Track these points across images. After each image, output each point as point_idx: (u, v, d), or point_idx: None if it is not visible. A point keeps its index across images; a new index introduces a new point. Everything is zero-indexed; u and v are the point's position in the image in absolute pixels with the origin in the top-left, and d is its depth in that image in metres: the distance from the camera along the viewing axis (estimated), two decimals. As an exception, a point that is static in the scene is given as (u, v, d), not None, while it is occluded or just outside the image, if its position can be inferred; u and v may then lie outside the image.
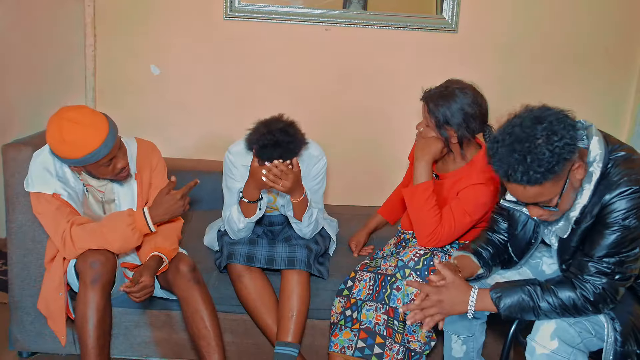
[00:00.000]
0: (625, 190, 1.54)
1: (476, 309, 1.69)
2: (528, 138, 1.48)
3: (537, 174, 1.47)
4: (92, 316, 1.92)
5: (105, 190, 2.11)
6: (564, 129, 1.49)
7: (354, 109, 3.09)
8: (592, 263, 1.60)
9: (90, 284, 1.92)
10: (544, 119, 1.51)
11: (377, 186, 3.04)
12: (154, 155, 2.21)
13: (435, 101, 2.08)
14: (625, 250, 1.56)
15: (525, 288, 1.65)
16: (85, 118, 1.90)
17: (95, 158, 1.91)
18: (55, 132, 1.90)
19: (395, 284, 2.05)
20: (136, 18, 2.97)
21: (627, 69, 3.09)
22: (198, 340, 2.07)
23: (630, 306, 1.70)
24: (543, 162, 1.46)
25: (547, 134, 1.48)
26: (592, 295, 1.59)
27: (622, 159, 1.59)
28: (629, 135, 3.12)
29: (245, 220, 2.20)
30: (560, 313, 1.63)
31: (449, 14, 2.96)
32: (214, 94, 3.06)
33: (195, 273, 2.10)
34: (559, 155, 1.47)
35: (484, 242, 1.92)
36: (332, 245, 2.49)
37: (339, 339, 2.08)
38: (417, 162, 2.15)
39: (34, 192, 2.00)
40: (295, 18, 2.97)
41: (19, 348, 2.34)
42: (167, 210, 2.03)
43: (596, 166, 1.59)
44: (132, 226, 1.99)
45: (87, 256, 1.95)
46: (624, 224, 1.54)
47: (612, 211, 1.55)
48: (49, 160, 2.02)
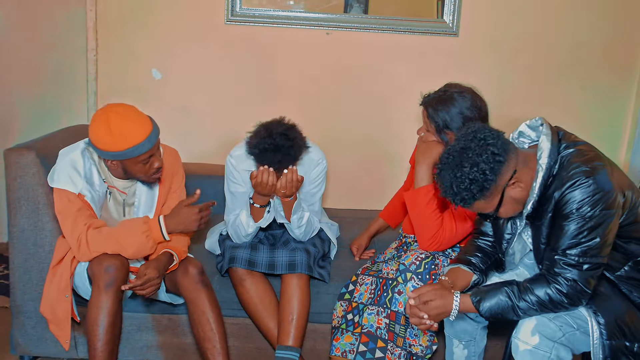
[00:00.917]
0: (574, 181, 1.61)
1: (460, 309, 1.74)
2: (455, 166, 1.64)
3: (462, 200, 1.65)
4: (104, 320, 1.93)
5: (128, 193, 2.13)
6: (486, 159, 1.61)
7: (356, 112, 3.09)
8: (557, 256, 1.65)
9: (105, 287, 1.93)
10: (469, 149, 1.64)
11: (378, 190, 3.05)
12: (176, 162, 2.24)
13: (434, 106, 2.08)
14: (585, 239, 1.61)
15: (503, 289, 1.70)
16: (132, 113, 1.98)
17: (138, 152, 1.94)
18: (102, 124, 1.94)
19: (397, 288, 2.05)
20: (138, 22, 2.98)
21: (627, 73, 3.09)
22: (203, 343, 2.07)
23: (613, 300, 1.73)
24: (465, 191, 1.63)
25: (470, 164, 1.62)
26: (565, 288, 1.63)
27: (572, 154, 1.66)
28: (630, 139, 3.12)
29: (254, 225, 2.22)
30: (539, 309, 1.67)
31: (450, 17, 2.96)
32: (215, 98, 3.07)
33: (203, 276, 2.12)
34: (478, 184, 1.61)
35: (471, 249, 1.95)
36: (333, 248, 2.49)
37: (341, 343, 2.07)
38: (418, 165, 2.15)
39: (59, 188, 2.01)
40: (297, 22, 2.97)
41: (20, 352, 2.34)
42: (182, 222, 2.04)
43: (541, 162, 1.67)
44: (147, 233, 2.00)
45: (102, 260, 1.96)
46: (579, 214, 1.60)
47: (566, 202, 1.62)
48: (78, 160, 2.03)
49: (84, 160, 2.04)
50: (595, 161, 1.64)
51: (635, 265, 1.73)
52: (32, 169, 2.15)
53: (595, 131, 3.08)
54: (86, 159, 2.04)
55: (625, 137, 3.15)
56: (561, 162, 1.66)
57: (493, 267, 1.93)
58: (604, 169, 1.62)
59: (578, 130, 1.95)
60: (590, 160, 1.64)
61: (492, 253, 1.93)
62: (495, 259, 1.93)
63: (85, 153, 2.06)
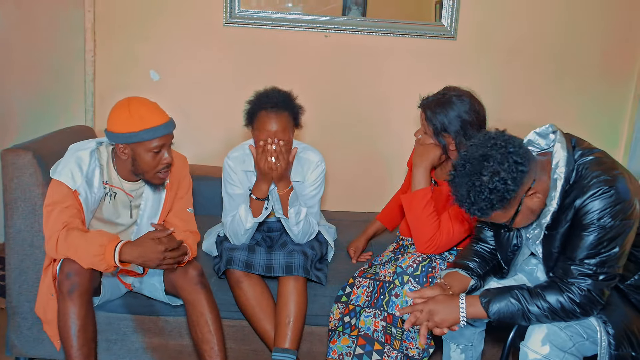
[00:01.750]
0: (596, 191, 1.57)
1: (468, 316, 1.70)
2: (474, 174, 1.57)
3: (479, 210, 1.58)
4: (73, 325, 1.92)
5: (134, 195, 2.12)
6: (508, 169, 1.55)
7: (353, 115, 3.09)
8: (574, 266, 1.61)
9: (68, 294, 1.92)
10: (490, 157, 1.57)
11: (375, 192, 3.05)
12: (184, 168, 2.24)
13: (432, 109, 2.08)
14: (604, 250, 1.58)
15: (513, 292, 1.66)
16: (153, 103, 2.03)
17: (152, 135, 1.95)
18: (123, 109, 1.97)
19: (394, 291, 2.05)
20: (136, 23, 2.98)
21: (625, 76, 3.10)
22: (201, 344, 2.07)
23: (621, 309, 1.71)
24: (483, 201, 1.56)
25: (490, 173, 1.55)
26: (578, 297, 1.60)
27: (590, 162, 1.63)
28: (627, 143, 3.13)
29: (252, 220, 2.22)
30: (550, 317, 1.64)
31: (448, 21, 2.97)
32: (213, 99, 3.07)
33: (202, 278, 2.11)
34: (499, 194, 1.55)
35: (470, 254, 1.93)
36: (330, 251, 2.49)
37: (337, 346, 2.07)
38: (416, 168, 2.15)
39: (58, 180, 2.00)
40: (295, 24, 2.98)
41: (16, 354, 2.33)
42: (142, 255, 1.95)
43: (559, 171, 1.63)
44: (100, 257, 1.92)
45: (63, 267, 1.95)
46: (600, 224, 1.57)
47: (586, 212, 1.58)
48: (85, 159, 2.03)
49: (91, 160, 2.04)
50: (614, 170, 1.60)
51: None
52: (29, 170, 2.15)
53: (592, 135, 3.06)
54: (93, 159, 2.04)
55: (623, 141, 3.16)
56: (578, 170, 1.62)
57: (491, 272, 1.92)
58: (622, 177, 1.59)
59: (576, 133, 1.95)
60: (610, 168, 1.60)
61: (490, 259, 1.91)
62: (493, 265, 1.91)
63: (94, 154, 2.05)
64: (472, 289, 1.87)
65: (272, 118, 2.13)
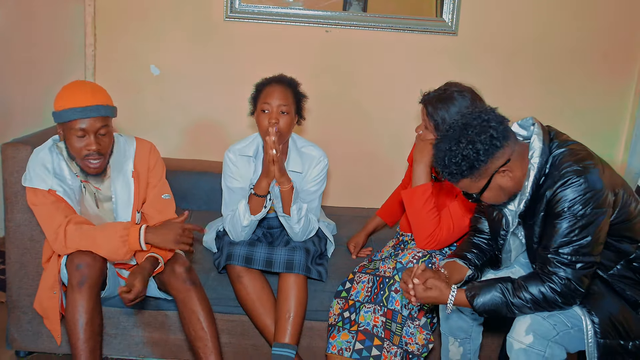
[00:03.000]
0: (566, 180, 1.62)
1: (455, 303, 1.75)
2: (452, 140, 1.67)
3: (449, 174, 1.68)
4: (81, 318, 1.92)
5: (102, 188, 2.11)
6: (483, 140, 1.63)
7: (354, 110, 3.09)
8: (550, 255, 1.65)
9: (77, 286, 1.92)
10: (470, 126, 1.66)
11: (376, 188, 3.04)
12: (152, 155, 2.21)
13: (433, 104, 2.08)
14: (576, 238, 1.62)
15: (497, 286, 1.70)
16: (91, 85, 2.01)
17: (69, 116, 1.93)
18: (64, 87, 1.98)
19: (394, 286, 2.05)
20: (136, 18, 2.97)
21: (626, 74, 3.10)
22: (195, 342, 2.07)
23: (607, 299, 1.74)
24: (454, 165, 1.66)
25: (466, 141, 1.64)
26: (559, 287, 1.64)
27: (564, 153, 1.68)
28: (627, 140, 3.13)
29: (250, 217, 2.21)
30: (533, 308, 1.67)
31: (449, 16, 2.96)
32: (213, 94, 3.06)
33: (191, 274, 2.10)
34: (469, 162, 1.64)
35: (468, 246, 1.96)
36: (330, 247, 2.49)
37: (337, 341, 2.08)
38: (416, 164, 2.15)
39: (30, 187, 2.00)
40: (296, 19, 2.97)
41: (16, 347, 2.34)
42: (165, 237, 2.00)
43: (533, 161, 1.68)
44: (125, 239, 1.97)
45: (73, 258, 1.95)
46: (571, 212, 1.61)
47: (558, 201, 1.63)
48: (46, 157, 2.03)
49: (52, 157, 2.03)
50: (586, 160, 1.65)
51: (627, 263, 1.75)
52: (29, 164, 2.14)
53: (593, 132, 3.09)
54: (54, 155, 2.03)
55: (623, 138, 3.16)
56: (553, 161, 1.68)
57: (488, 264, 1.94)
58: (595, 167, 1.64)
59: (576, 131, 1.96)
60: (582, 159, 1.65)
61: (488, 250, 1.94)
62: (490, 257, 1.94)
63: (53, 149, 2.05)
64: (470, 279, 1.89)
65: (276, 89, 2.21)
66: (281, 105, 2.18)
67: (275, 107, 2.18)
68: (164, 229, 2.01)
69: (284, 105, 2.19)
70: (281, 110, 2.18)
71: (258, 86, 2.28)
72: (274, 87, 2.22)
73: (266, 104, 2.19)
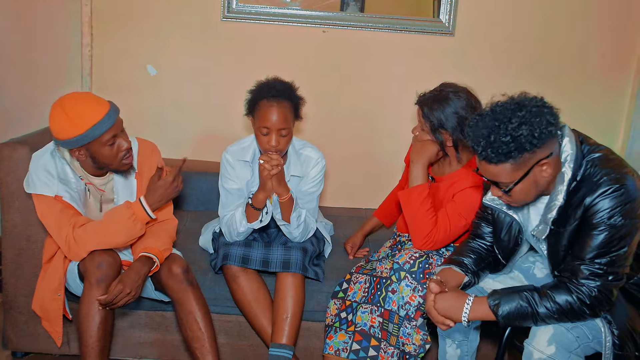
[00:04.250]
0: (606, 189, 1.56)
1: (471, 318, 1.68)
2: (502, 119, 1.54)
3: (493, 153, 1.53)
4: (96, 316, 1.92)
5: (105, 190, 2.11)
6: (538, 122, 1.52)
7: (351, 111, 3.09)
8: (584, 266, 1.60)
9: (96, 283, 1.92)
10: (525, 107, 1.55)
11: (373, 188, 3.04)
12: (154, 156, 2.21)
13: (429, 105, 2.08)
14: (614, 249, 1.57)
15: (522, 294, 1.64)
16: (85, 96, 1.98)
17: (100, 131, 1.91)
18: (58, 112, 1.91)
19: (391, 287, 2.06)
20: (133, 18, 2.96)
21: (622, 75, 3.10)
22: (192, 342, 2.06)
23: (625, 309, 1.71)
24: (502, 145, 1.52)
25: (519, 121, 1.52)
26: (588, 298, 1.59)
27: (599, 159, 1.61)
28: (624, 140, 3.14)
29: (246, 224, 2.21)
30: (559, 318, 1.62)
31: (446, 17, 2.96)
32: (210, 94, 3.06)
33: (188, 274, 2.09)
34: (520, 143, 1.51)
35: (465, 250, 1.92)
36: (327, 247, 2.49)
37: (334, 341, 2.08)
38: (413, 165, 2.15)
39: (36, 194, 1.99)
40: (293, 20, 2.97)
41: (12, 348, 2.33)
42: (162, 195, 2.05)
43: (567, 167, 1.61)
44: (133, 217, 2.00)
45: (94, 256, 1.96)
46: (610, 223, 1.55)
47: (596, 211, 1.57)
48: (49, 162, 2.01)
49: (55, 161, 2.02)
50: (623, 167, 1.59)
51: None
52: (26, 164, 2.14)
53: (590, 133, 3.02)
54: (57, 159, 2.02)
55: (620, 139, 3.17)
56: (587, 166, 1.61)
57: (487, 269, 1.91)
58: (631, 175, 1.58)
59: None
60: (618, 166, 1.59)
61: (486, 256, 1.91)
62: (488, 262, 1.91)
63: (55, 153, 2.03)
64: (466, 286, 1.87)
65: (274, 107, 2.13)
66: (281, 129, 2.13)
67: (275, 131, 2.13)
68: (157, 189, 2.05)
69: (284, 129, 2.13)
70: (281, 134, 2.14)
71: (255, 96, 2.20)
72: (272, 107, 2.13)
73: (265, 127, 2.13)
